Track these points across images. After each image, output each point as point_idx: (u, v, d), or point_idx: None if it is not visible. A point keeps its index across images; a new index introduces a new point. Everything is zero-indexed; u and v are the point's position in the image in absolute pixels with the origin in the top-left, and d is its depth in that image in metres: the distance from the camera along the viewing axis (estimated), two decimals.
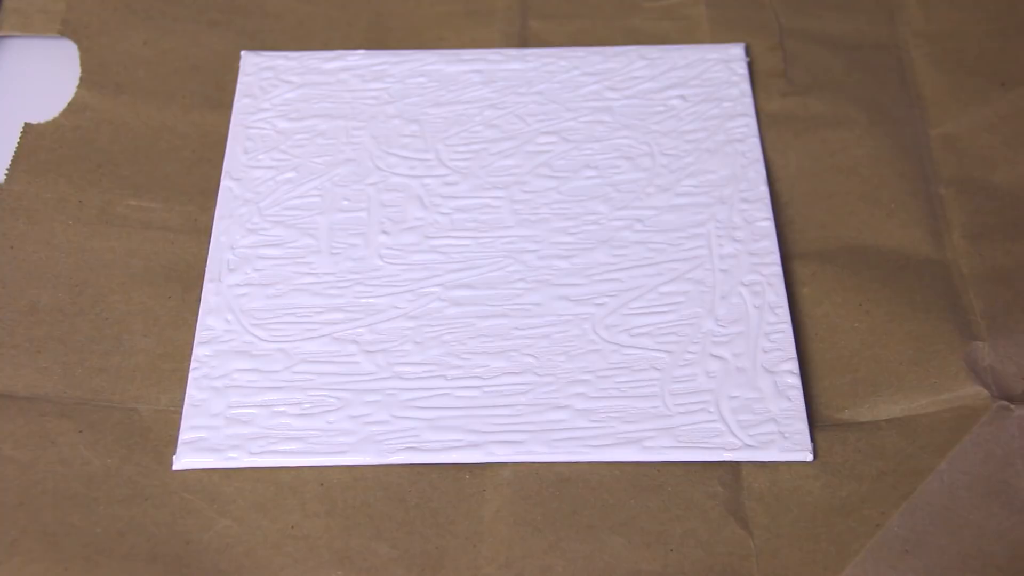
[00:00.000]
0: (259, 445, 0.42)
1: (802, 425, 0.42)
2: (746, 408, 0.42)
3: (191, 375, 0.43)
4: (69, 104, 0.51)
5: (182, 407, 0.43)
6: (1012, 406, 0.42)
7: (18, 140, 0.49)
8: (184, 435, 0.42)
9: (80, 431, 0.42)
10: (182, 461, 0.41)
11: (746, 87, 0.51)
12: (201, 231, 0.47)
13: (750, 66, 0.53)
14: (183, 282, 0.46)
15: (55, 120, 0.50)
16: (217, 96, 0.52)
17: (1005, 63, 0.53)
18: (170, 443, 0.42)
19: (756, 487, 0.41)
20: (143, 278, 0.46)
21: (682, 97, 0.51)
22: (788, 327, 0.44)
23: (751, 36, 0.54)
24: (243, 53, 0.53)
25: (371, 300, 0.45)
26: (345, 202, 0.48)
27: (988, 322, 0.44)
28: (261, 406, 0.43)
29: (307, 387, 0.43)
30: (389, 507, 0.41)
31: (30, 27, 0.53)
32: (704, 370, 0.43)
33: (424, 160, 0.49)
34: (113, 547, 0.39)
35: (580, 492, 0.41)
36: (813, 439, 0.42)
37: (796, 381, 0.43)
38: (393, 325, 0.45)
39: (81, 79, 0.52)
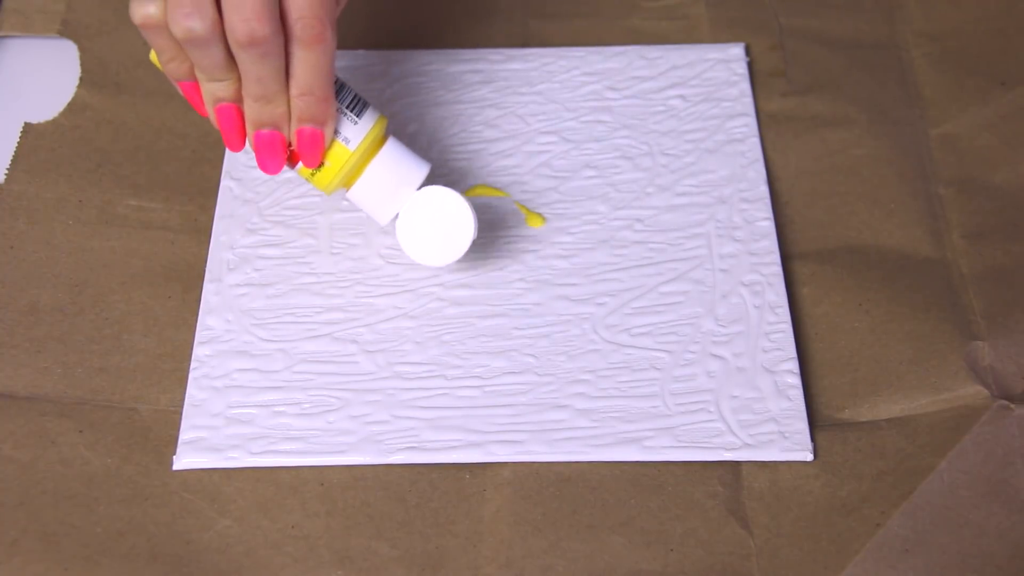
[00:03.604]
0: (259, 445, 0.42)
1: (802, 425, 0.42)
2: (746, 408, 0.42)
3: (191, 375, 0.43)
4: (69, 104, 0.51)
5: (182, 407, 0.43)
6: (1012, 405, 0.42)
7: (18, 140, 0.49)
8: (184, 435, 0.42)
9: (80, 431, 0.42)
10: (182, 461, 0.41)
11: (746, 87, 0.51)
12: (201, 231, 0.47)
13: (750, 66, 0.53)
14: (183, 282, 0.46)
15: (55, 120, 0.50)
16: None
17: (1005, 63, 0.53)
18: (170, 443, 0.42)
19: (756, 487, 0.41)
20: (143, 278, 0.46)
21: (682, 97, 0.51)
22: (788, 327, 0.44)
23: (751, 36, 0.54)
24: None
25: (371, 300, 0.45)
26: (345, 202, 0.48)
27: (988, 322, 0.44)
28: (261, 406, 0.43)
29: (307, 387, 0.43)
30: (389, 507, 0.41)
31: (30, 27, 0.53)
32: (704, 370, 0.43)
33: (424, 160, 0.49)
34: (113, 547, 0.39)
35: (580, 492, 0.41)
36: (813, 439, 0.42)
37: (796, 381, 0.43)
38: (393, 325, 0.45)
39: (81, 79, 0.52)
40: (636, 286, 0.45)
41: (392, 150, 0.43)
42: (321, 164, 0.42)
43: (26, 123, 0.50)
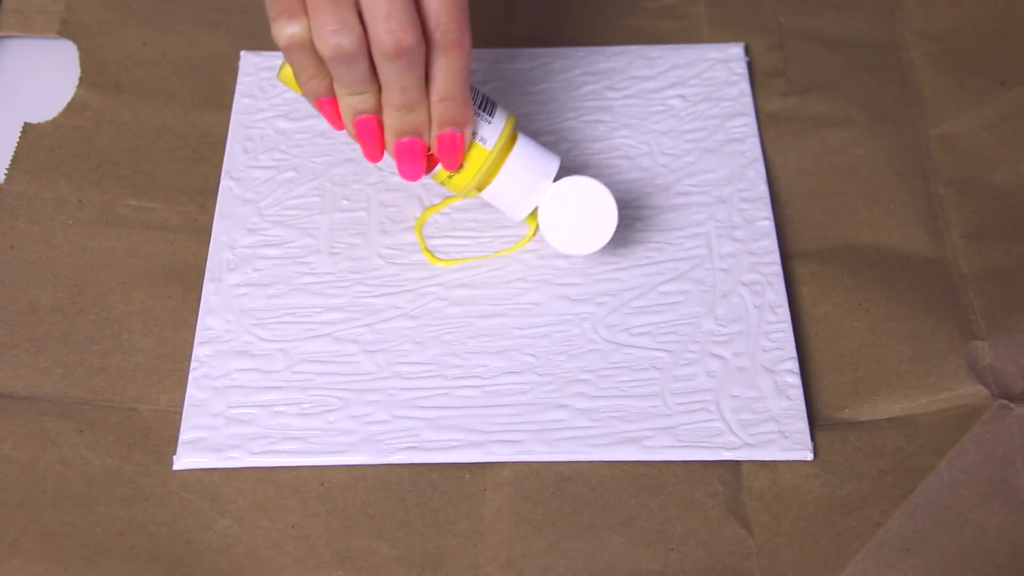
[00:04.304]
0: (259, 445, 0.42)
1: (802, 424, 0.42)
2: (746, 407, 0.42)
3: (191, 375, 0.43)
4: (69, 104, 0.51)
5: (182, 407, 0.43)
6: (1012, 405, 0.42)
7: (18, 140, 0.49)
8: (184, 435, 0.42)
9: (80, 431, 0.42)
10: (182, 461, 0.41)
11: (745, 87, 0.51)
12: (201, 231, 0.47)
13: (749, 66, 0.53)
14: (183, 282, 0.46)
15: (55, 120, 0.50)
16: (217, 96, 0.52)
17: (1005, 63, 0.53)
18: (170, 443, 0.42)
19: (756, 486, 0.41)
20: (143, 278, 0.46)
21: (682, 97, 0.51)
22: (788, 326, 0.44)
23: (751, 36, 0.54)
24: (243, 53, 0.53)
25: (371, 300, 0.45)
26: (345, 202, 0.48)
27: (988, 321, 0.44)
28: (261, 406, 0.43)
29: (307, 387, 0.43)
30: (389, 507, 0.41)
31: (30, 27, 0.53)
32: (704, 369, 0.43)
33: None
34: (113, 547, 0.39)
35: (580, 491, 0.41)
36: (813, 438, 0.42)
37: (796, 380, 0.43)
38: (393, 325, 0.45)
39: (81, 79, 0.52)
40: (636, 286, 0.45)
41: (525, 146, 0.43)
42: (460, 166, 0.42)
43: (26, 123, 0.50)
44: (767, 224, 0.47)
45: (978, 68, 0.53)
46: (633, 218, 0.47)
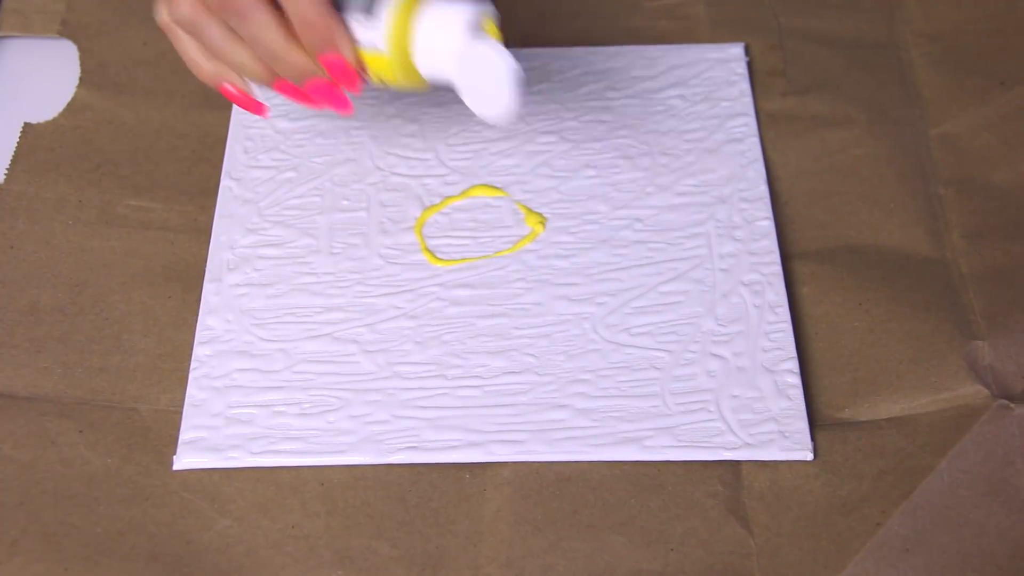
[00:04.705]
0: (259, 445, 0.42)
1: (802, 424, 0.42)
2: (746, 407, 0.42)
3: (191, 375, 0.43)
4: (69, 104, 0.51)
5: (182, 407, 0.43)
6: (1012, 405, 0.42)
7: (18, 140, 0.49)
8: (184, 435, 0.42)
9: (80, 431, 0.42)
10: (182, 461, 0.41)
11: (745, 87, 0.51)
12: (201, 231, 0.47)
13: (749, 66, 0.53)
14: (183, 282, 0.46)
15: (55, 120, 0.50)
16: (217, 96, 0.51)
17: (1005, 63, 0.53)
18: (170, 443, 0.42)
19: (756, 486, 0.41)
20: (143, 278, 0.46)
21: (682, 97, 0.51)
22: (788, 326, 0.44)
23: (751, 36, 0.54)
24: None
25: (371, 300, 0.45)
26: (345, 202, 0.48)
27: (988, 321, 0.44)
28: (261, 406, 0.43)
29: (307, 387, 0.43)
30: (389, 507, 0.41)
31: (30, 27, 0.53)
32: (704, 369, 0.43)
33: (424, 160, 0.49)
34: (113, 547, 0.39)
35: (580, 491, 0.41)
36: (813, 438, 0.42)
37: (796, 380, 0.43)
38: (393, 325, 0.45)
39: (81, 79, 0.52)
40: (636, 286, 0.45)
41: (426, 21, 0.40)
42: (377, 78, 0.41)
43: (26, 123, 0.50)
44: (767, 224, 0.47)
45: (978, 68, 0.53)
46: (633, 218, 0.47)
